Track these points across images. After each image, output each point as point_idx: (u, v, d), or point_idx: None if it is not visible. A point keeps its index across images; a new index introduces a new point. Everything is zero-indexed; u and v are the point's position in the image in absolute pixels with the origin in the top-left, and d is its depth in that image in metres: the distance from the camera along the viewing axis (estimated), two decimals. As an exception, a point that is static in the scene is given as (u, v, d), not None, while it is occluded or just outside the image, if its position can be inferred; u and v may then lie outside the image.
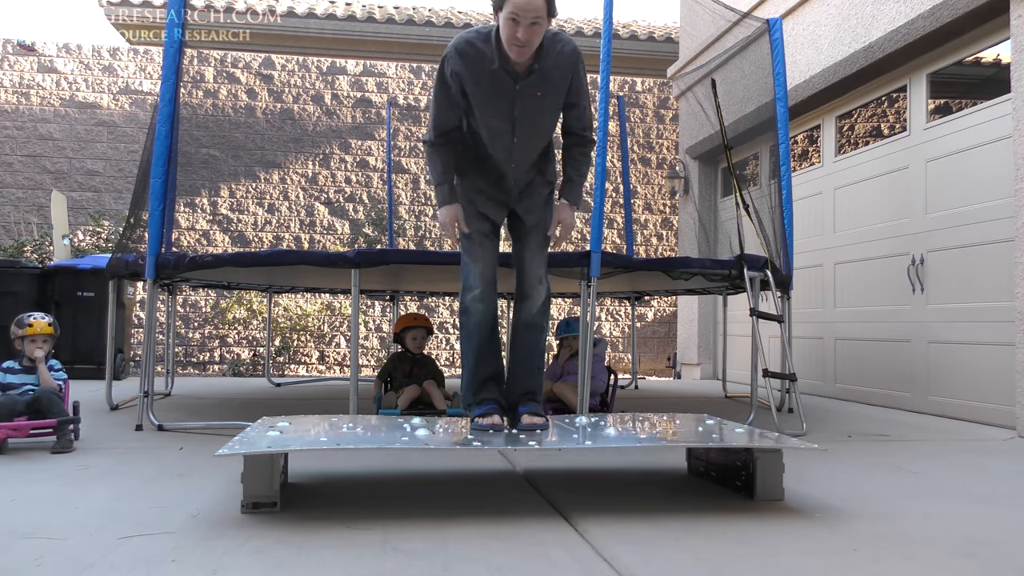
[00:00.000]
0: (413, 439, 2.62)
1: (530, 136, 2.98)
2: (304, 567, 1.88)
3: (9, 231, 8.51)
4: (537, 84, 2.86)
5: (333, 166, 9.10)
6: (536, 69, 2.84)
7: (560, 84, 2.91)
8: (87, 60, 8.78)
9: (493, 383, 3.04)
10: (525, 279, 3.10)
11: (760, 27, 5.61)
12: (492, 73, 2.81)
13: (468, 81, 2.85)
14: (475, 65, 2.82)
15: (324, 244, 9.01)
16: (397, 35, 10.12)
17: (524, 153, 3.01)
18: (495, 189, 3.08)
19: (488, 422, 2.88)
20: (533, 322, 3.10)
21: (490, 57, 2.80)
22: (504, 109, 2.88)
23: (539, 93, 2.88)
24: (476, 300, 3.01)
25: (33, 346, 3.59)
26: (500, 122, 2.91)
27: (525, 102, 2.87)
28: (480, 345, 3.01)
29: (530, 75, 2.84)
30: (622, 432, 2.83)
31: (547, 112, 2.97)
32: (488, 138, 2.98)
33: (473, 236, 3.06)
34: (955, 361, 5.11)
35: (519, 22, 2.65)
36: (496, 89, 2.85)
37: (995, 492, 2.85)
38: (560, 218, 3.15)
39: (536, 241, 3.13)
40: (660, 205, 9.70)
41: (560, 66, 2.88)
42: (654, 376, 9.35)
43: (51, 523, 2.24)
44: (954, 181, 5.15)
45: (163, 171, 4.20)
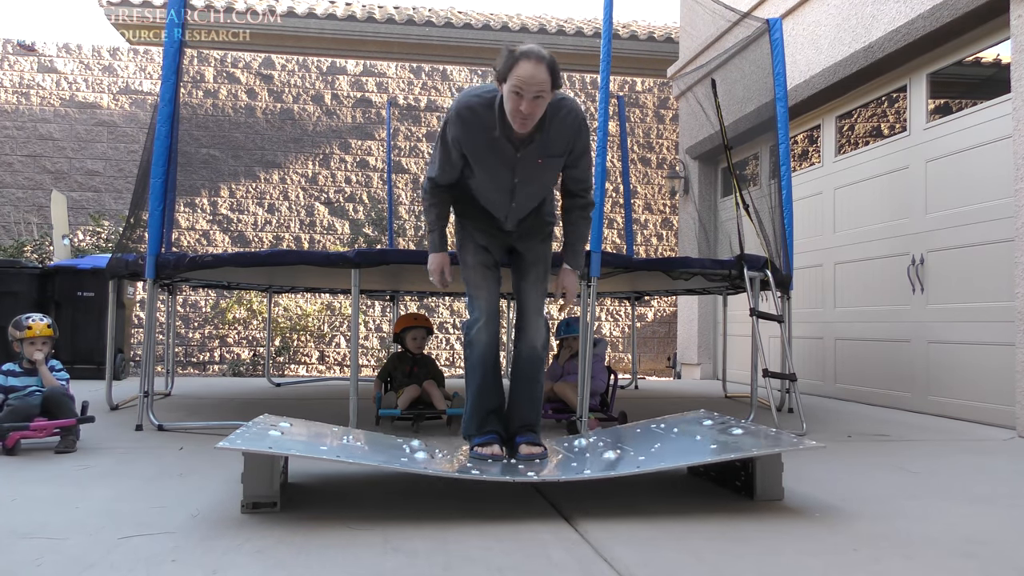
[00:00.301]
0: (412, 461, 2.63)
1: (528, 199, 3.02)
2: (304, 567, 1.88)
3: (9, 231, 8.51)
4: (538, 152, 2.85)
5: (333, 166, 9.10)
6: (537, 139, 2.83)
7: (561, 150, 2.90)
8: (87, 60, 8.79)
9: (495, 416, 3.07)
10: (525, 312, 3.11)
11: (760, 27, 5.61)
12: (493, 140, 2.80)
13: (468, 147, 2.85)
14: (476, 132, 2.81)
15: (324, 244, 9.01)
16: (397, 35, 10.12)
17: (521, 211, 3.06)
18: (494, 231, 3.13)
19: (488, 452, 2.90)
20: (533, 355, 3.11)
21: (491, 125, 2.78)
22: (504, 177, 2.89)
23: (539, 160, 2.87)
24: (480, 332, 3.02)
25: (32, 348, 3.57)
26: (498, 188, 2.94)
27: (525, 169, 2.87)
28: (484, 379, 3.03)
29: (531, 143, 2.82)
30: (620, 454, 2.81)
31: (547, 174, 2.98)
32: (485, 200, 3.03)
33: (476, 268, 3.09)
34: (955, 361, 5.11)
35: (523, 96, 2.63)
36: (496, 156, 2.84)
37: (995, 492, 2.85)
38: (564, 284, 3.16)
39: (535, 276, 3.14)
40: (660, 205, 9.70)
41: (563, 133, 2.86)
42: (654, 376, 9.35)
43: (51, 523, 2.24)
44: (954, 181, 5.15)
45: (163, 171, 4.20)
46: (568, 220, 3.14)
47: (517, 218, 3.07)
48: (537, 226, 3.17)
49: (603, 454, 2.84)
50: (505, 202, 2.99)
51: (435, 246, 3.09)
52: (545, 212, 3.19)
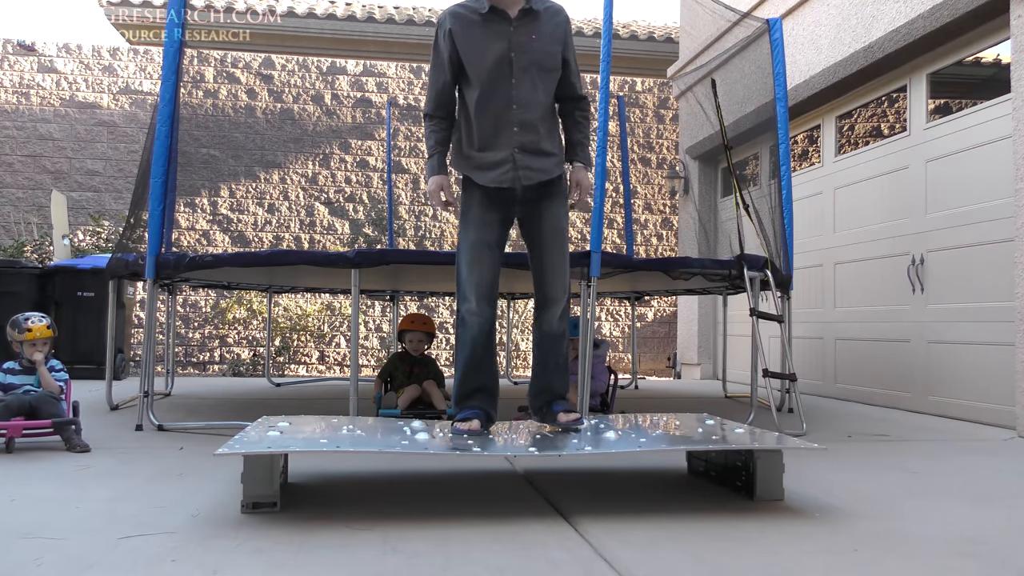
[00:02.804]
0: (413, 443, 2.62)
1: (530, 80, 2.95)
2: (304, 567, 1.88)
3: (9, 231, 8.51)
4: (530, 26, 2.93)
5: (333, 166, 9.10)
6: (528, 10, 2.93)
7: (552, 34, 2.98)
8: (87, 60, 8.78)
9: (482, 394, 3.02)
10: (547, 287, 3.07)
11: (760, 27, 5.61)
12: (483, 18, 2.90)
13: (461, 35, 2.92)
14: (466, 18, 2.92)
15: (324, 244, 9.01)
16: (397, 35, 10.12)
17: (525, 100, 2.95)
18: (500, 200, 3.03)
19: (465, 427, 2.86)
20: (556, 330, 3.09)
21: (479, 6, 2.91)
22: (499, 50, 2.90)
23: (532, 36, 2.93)
24: (472, 313, 2.97)
25: (33, 349, 3.58)
26: (496, 65, 2.91)
27: (520, 41, 2.92)
28: (471, 357, 3.00)
29: (523, 16, 2.93)
30: (622, 436, 2.82)
31: (544, 59, 2.97)
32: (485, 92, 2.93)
33: (474, 246, 3.00)
34: (955, 361, 5.11)
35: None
36: (490, 32, 2.92)
37: (995, 492, 2.85)
38: (577, 180, 3.12)
39: (557, 247, 3.07)
40: (660, 205, 9.70)
41: (551, 17, 2.99)
42: (654, 376, 9.35)
43: (51, 523, 2.24)
44: (954, 181, 5.15)
45: (163, 171, 4.20)
46: (572, 120, 3.15)
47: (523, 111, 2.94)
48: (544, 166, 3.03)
49: (604, 434, 2.84)
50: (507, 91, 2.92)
51: (433, 169, 3.05)
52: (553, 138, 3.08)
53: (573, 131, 3.16)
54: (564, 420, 2.93)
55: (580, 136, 3.16)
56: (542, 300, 3.09)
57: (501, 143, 2.96)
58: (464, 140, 3.04)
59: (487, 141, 2.98)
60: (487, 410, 3.01)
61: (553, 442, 2.76)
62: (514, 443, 2.75)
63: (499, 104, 2.94)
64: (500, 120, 2.95)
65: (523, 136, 2.97)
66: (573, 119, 3.16)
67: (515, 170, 2.97)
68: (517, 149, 2.96)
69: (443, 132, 3.06)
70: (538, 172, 3.00)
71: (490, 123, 2.97)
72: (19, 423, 3.40)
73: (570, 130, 3.17)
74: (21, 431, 3.40)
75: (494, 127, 2.96)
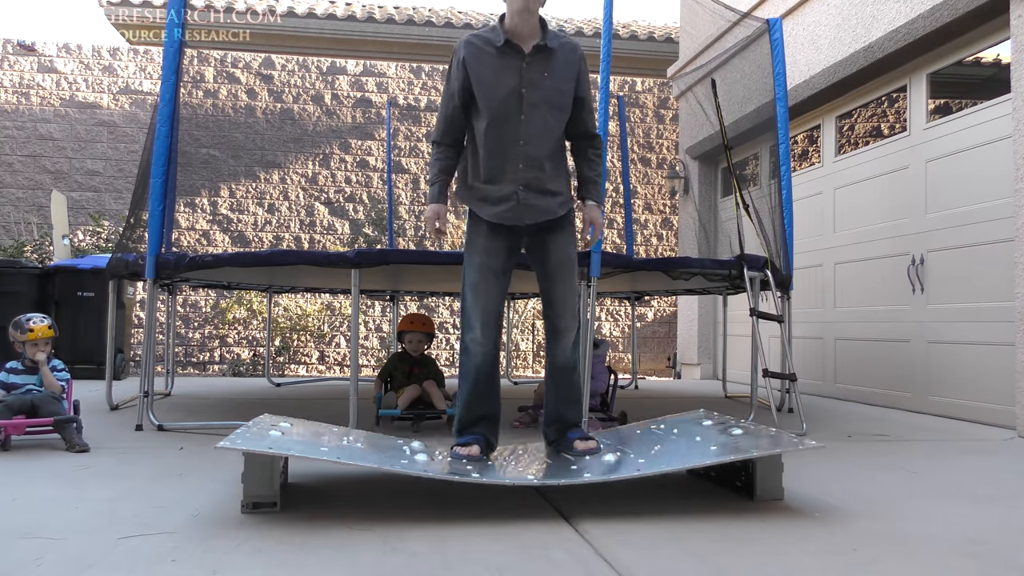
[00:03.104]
0: (412, 463, 2.63)
1: (538, 120, 2.93)
2: (304, 567, 1.88)
3: (9, 231, 8.51)
4: (543, 63, 2.93)
5: (333, 166, 9.10)
6: (543, 46, 2.92)
7: (565, 73, 2.97)
8: (87, 60, 8.78)
9: (485, 423, 3.01)
10: (558, 316, 3.04)
11: (760, 27, 5.61)
12: (499, 51, 2.90)
13: (474, 65, 2.92)
14: (482, 49, 2.93)
15: (324, 244, 9.01)
16: (397, 35, 10.11)
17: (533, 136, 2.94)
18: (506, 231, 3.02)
19: (464, 452, 2.85)
20: (569, 362, 3.08)
21: (495, 39, 2.92)
22: (511, 83, 2.90)
23: (545, 73, 2.92)
24: (476, 342, 2.96)
25: (35, 349, 3.65)
26: (507, 100, 2.90)
27: (532, 77, 2.91)
28: (475, 386, 2.98)
29: (537, 53, 2.92)
30: (620, 457, 2.80)
31: (553, 96, 2.95)
32: (493, 125, 2.92)
33: (479, 271, 2.97)
34: (955, 361, 5.11)
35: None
36: (503, 66, 2.91)
37: (995, 492, 2.85)
38: (591, 218, 3.12)
39: (566, 278, 3.05)
40: (660, 205, 9.70)
41: (566, 55, 2.97)
42: (654, 376, 9.35)
43: (51, 523, 2.24)
44: (954, 181, 5.15)
45: (163, 171, 4.20)
46: (584, 158, 3.15)
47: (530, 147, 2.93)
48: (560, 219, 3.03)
49: (603, 457, 2.84)
50: (515, 126, 2.91)
51: (433, 197, 3.03)
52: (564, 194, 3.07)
53: (585, 168, 3.15)
54: (581, 448, 2.91)
55: (592, 174, 3.14)
56: (552, 331, 3.06)
57: (507, 178, 2.94)
58: (470, 171, 3.03)
59: (492, 174, 2.96)
60: (488, 437, 3.01)
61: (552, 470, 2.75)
62: (513, 471, 2.75)
63: (507, 138, 2.93)
64: (507, 154, 2.94)
65: (528, 173, 2.95)
66: (586, 156, 3.15)
67: (518, 208, 2.95)
68: (522, 187, 2.94)
69: (448, 161, 3.05)
70: (541, 212, 2.99)
71: (497, 157, 2.95)
72: (21, 421, 3.44)
73: (582, 168, 3.16)
74: (23, 429, 3.44)
75: (501, 161, 2.94)
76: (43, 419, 3.49)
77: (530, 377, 8.65)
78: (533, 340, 9.29)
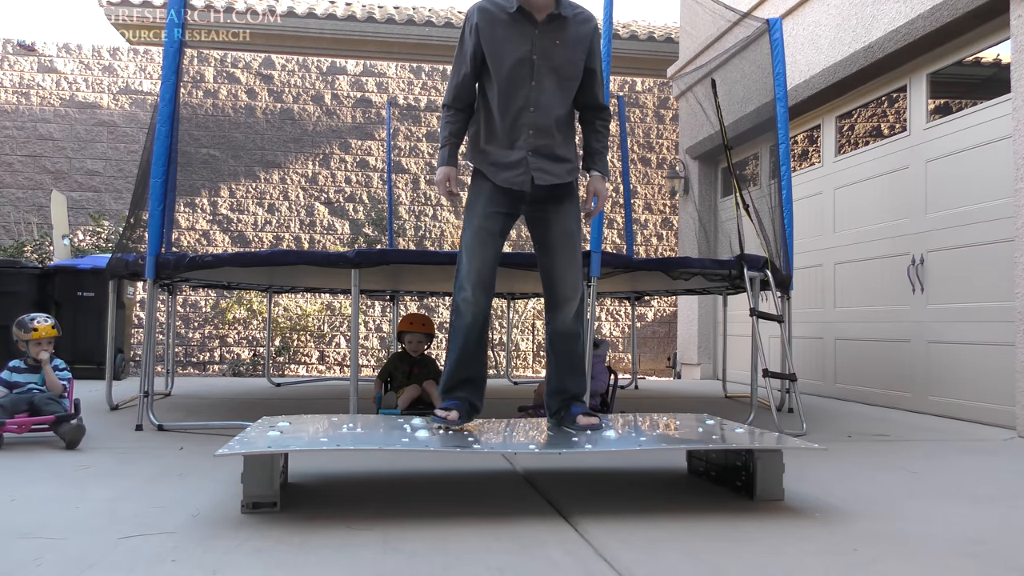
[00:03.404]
0: (414, 440, 2.62)
1: (548, 87, 2.95)
2: (304, 567, 1.88)
3: (9, 231, 8.51)
4: (555, 32, 2.93)
5: (333, 166, 9.10)
6: (556, 15, 2.93)
7: (576, 42, 2.97)
8: (87, 60, 8.78)
9: (470, 385, 3.02)
10: (559, 288, 3.05)
11: (760, 27, 5.61)
12: (511, 17, 2.91)
13: (486, 31, 2.92)
14: (495, 15, 2.93)
15: (324, 244, 9.01)
16: (397, 35, 10.11)
17: (543, 104, 2.96)
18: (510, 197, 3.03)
19: (443, 415, 2.87)
20: (571, 330, 3.07)
21: (508, 5, 2.92)
22: (522, 51, 2.91)
23: (557, 41, 2.93)
24: (468, 302, 2.96)
25: (39, 348, 3.68)
26: (518, 66, 2.92)
27: (544, 45, 2.92)
28: (464, 347, 2.99)
29: (550, 21, 2.93)
30: (622, 434, 2.82)
31: (564, 65, 2.97)
32: (504, 91, 2.94)
33: (478, 232, 2.99)
34: (955, 361, 5.11)
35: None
36: (515, 32, 2.92)
37: (995, 492, 2.85)
38: (596, 189, 3.14)
39: (568, 249, 3.07)
40: (660, 205, 9.70)
41: (579, 25, 2.97)
42: (654, 376, 9.35)
43: (51, 523, 2.24)
44: (954, 181, 5.15)
45: (163, 171, 4.20)
46: (592, 129, 3.17)
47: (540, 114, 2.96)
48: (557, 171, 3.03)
49: (604, 432, 2.84)
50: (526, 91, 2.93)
51: (443, 160, 3.05)
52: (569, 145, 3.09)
53: (592, 140, 3.18)
54: (584, 423, 2.91)
55: (599, 145, 3.16)
56: (553, 301, 3.07)
57: (517, 144, 2.97)
58: (483, 135, 3.05)
59: (503, 140, 2.99)
60: (472, 401, 3.01)
61: (553, 440, 2.76)
62: (514, 441, 2.75)
63: (517, 105, 2.95)
64: (516, 121, 2.96)
65: (538, 139, 2.98)
66: (593, 127, 3.17)
67: (527, 172, 2.97)
68: (531, 152, 2.97)
69: (458, 124, 3.06)
70: (551, 176, 3.01)
71: (507, 122, 2.97)
72: (25, 419, 3.49)
73: (589, 139, 3.18)
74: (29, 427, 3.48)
75: (511, 127, 2.97)
76: (44, 417, 3.52)
77: (530, 377, 8.65)
78: (533, 340, 9.29)
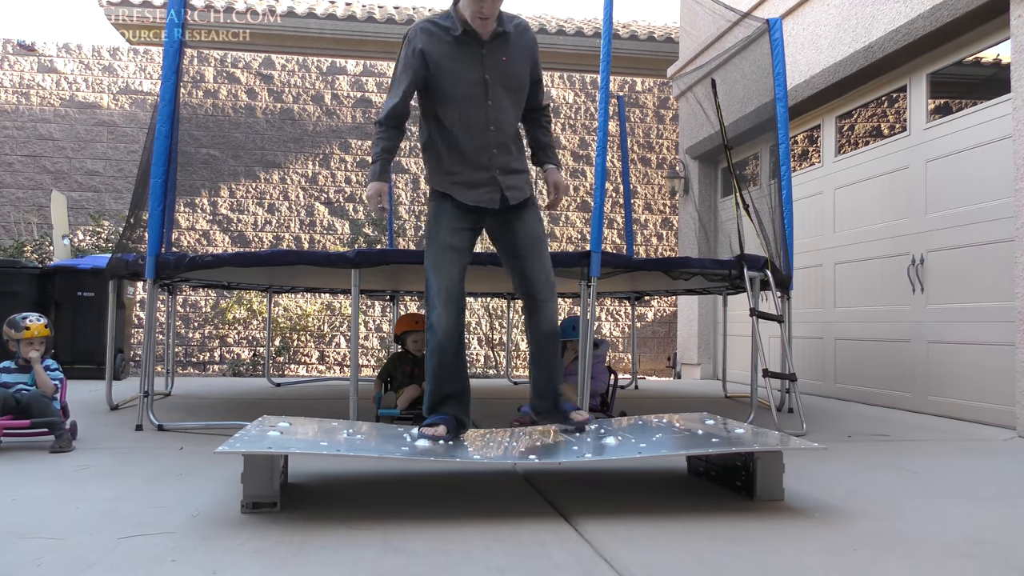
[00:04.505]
0: (413, 449, 2.62)
1: (503, 104, 3.02)
2: (304, 567, 1.88)
3: (9, 231, 8.51)
4: (501, 49, 3.00)
5: (333, 166, 9.10)
6: (500, 33, 2.98)
7: (522, 55, 3.05)
8: (87, 60, 8.78)
9: (453, 400, 3.03)
10: (536, 291, 3.11)
11: (760, 27, 5.61)
12: (456, 40, 2.94)
13: (433, 56, 2.95)
14: (439, 38, 2.96)
15: (324, 244, 9.01)
16: (397, 35, 10.10)
17: (501, 121, 3.03)
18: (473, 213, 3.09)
19: (430, 432, 2.86)
20: (554, 331, 3.16)
21: (452, 27, 2.95)
22: (474, 73, 2.97)
23: (504, 58, 3.00)
24: (439, 318, 2.99)
25: (29, 348, 3.61)
26: (472, 88, 2.97)
27: (493, 64, 2.98)
28: (441, 365, 3.02)
29: (495, 39, 2.98)
30: (622, 441, 2.82)
31: (514, 80, 3.04)
32: (462, 114, 2.99)
33: (443, 250, 3.03)
34: (955, 361, 5.11)
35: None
36: (463, 55, 2.96)
37: (995, 492, 2.85)
38: (554, 182, 3.22)
39: (538, 253, 3.14)
40: (660, 205, 9.70)
41: (520, 37, 3.05)
42: (654, 376, 9.35)
43: (51, 523, 2.24)
44: (954, 181, 5.15)
45: (163, 171, 4.20)
46: (538, 126, 3.26)
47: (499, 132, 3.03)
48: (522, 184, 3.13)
49: (603, 440, 2.84)
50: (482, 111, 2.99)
51: (375, 175, 3.07)
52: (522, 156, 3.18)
53: (540, 134, 3.26)
54: (577, 419, 2.99)
55: (547, 139, 3.26)
56: (533, 305, 3.14)
57: (484, 164, 3.03)
58: (445, 157, 3.08)
59: (470, 161, 3.03)
60: (458, 416, 3.01)
61: (553, 449, 2.76)
62: (514, 451, 2.75)
63: (478, 125, 3.01)
64: (479, 141, 3.02)
65: (501, 157, 3.06)
66: (539, 124, 3.26)
67: (497, 190, 3.05)
68: (498, 171, 3.05)
69: (392, 141, 3.11)
70: (520, 191, 3.10)
71: (470, 144, 3.02)
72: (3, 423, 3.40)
73: (537, 134, 3.26)
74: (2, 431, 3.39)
75: (474, 148, 3.02)
76: (21, 421, 3.41)
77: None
78: (533, 340, 9.28)
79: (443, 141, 3.07)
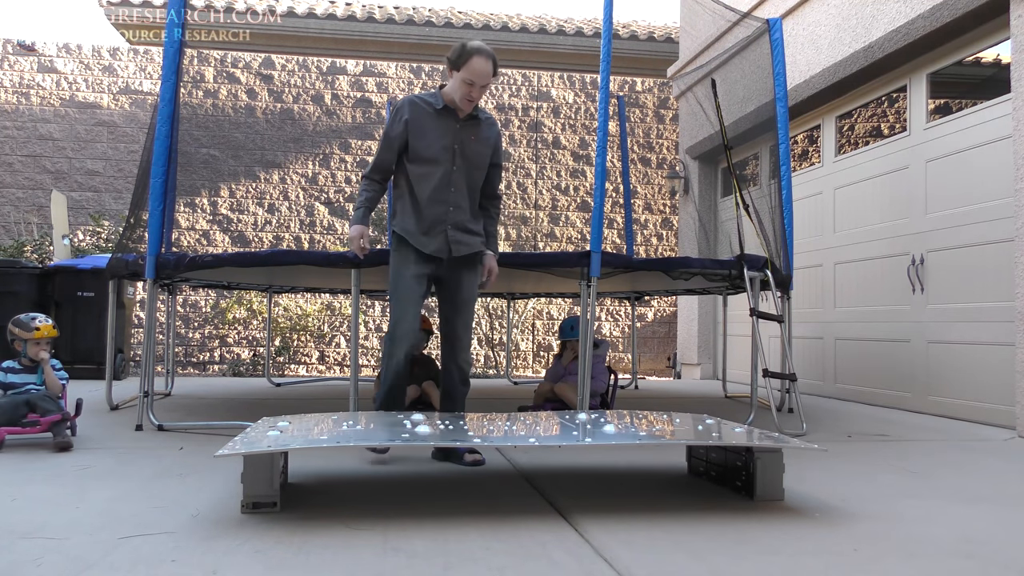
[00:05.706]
0: (414, 436, 2.62)
1: (466, 171, 3.38)
2: (304, 567, 1.88)
3: (9, 231, 8.51)
4: (472, 129, 3.40)
5: (333, 166, 9.10)
6: (473, 117, 3.39)
7: (486, 141, 3.45)
8: (87, 60, 8.78)
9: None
10: (457, 347, 3.43)
11: (760, 27, 5.61)
12: (437, 112, 3.35)
13: (415, 122, 3.34)
14: (423, 109, 3.36)
15: (324, 244, 9.01)
16: (397, 35, 10.12)
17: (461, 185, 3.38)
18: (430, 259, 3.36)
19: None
20: (466, 379, 3.45)
21: (436, 102, 3.36)
22: (446, 140, 3.35)
23: (472, 137, 3.39)
24: (400, 348, 3.27)
25: (38, 348, 3.64)
26: (442, 152, 3.34)
27: (463, 138, 3.37)
28: (391, 390, 3.35)
29: (468, 120, 3.38)
30: (621, 429, 2.83)
31: (477, 157, 3.41)
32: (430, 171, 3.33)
33: (410, 282, 3.32)
34: (955, 361, 5.11)
35: (474, 85, 3.23)
36: (440, 125, 3.36)
37: (995, 492, 2.85)
38: (489, 267, 3.53)
39: (468, 313, 3.47)
40: (660, 205, 9.70)
41: (488, 127, 3.46)
42: (654, 376, 9.35)
43: (51, 523, 2.24)
44: (954, 181, 5.15)
45: (163, 171, 4.20)
46: (487, 215, 3.60)
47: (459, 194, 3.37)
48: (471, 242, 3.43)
49: (604, 427, 2.85)
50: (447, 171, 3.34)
51: (358, 219, 3.45)
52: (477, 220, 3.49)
53: (488, 224, 3.59)
54: (470, 459, 3.23)
55: (492, 229, 3.61)
56: (452, 355, 3.43)
57: (439, 218, 3.36)
58: (410, 207, 3.40)
59: (427, 214, 3.35)
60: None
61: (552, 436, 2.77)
62: (514, 434, 2.75)
63: (442, 184, 3.35)
64: (439, 198, 3.35)
65: (456, 215, 3.39)
66: (488, 214, 3.59)
67: (448, 243, 3.38)
68: (451, 226, 3.37)
69: (375, 193, 3.47)
70: (465, 246, 3.43)
71: (432, 199, 3.35)
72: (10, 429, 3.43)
73: (485, 223, 3.59)
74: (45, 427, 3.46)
75: (433, 203, 3.35)
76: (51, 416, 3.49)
77: (530, 377, 8.65)
78: (533, 340, 9.29)
79: (411, 195, 3.39)
